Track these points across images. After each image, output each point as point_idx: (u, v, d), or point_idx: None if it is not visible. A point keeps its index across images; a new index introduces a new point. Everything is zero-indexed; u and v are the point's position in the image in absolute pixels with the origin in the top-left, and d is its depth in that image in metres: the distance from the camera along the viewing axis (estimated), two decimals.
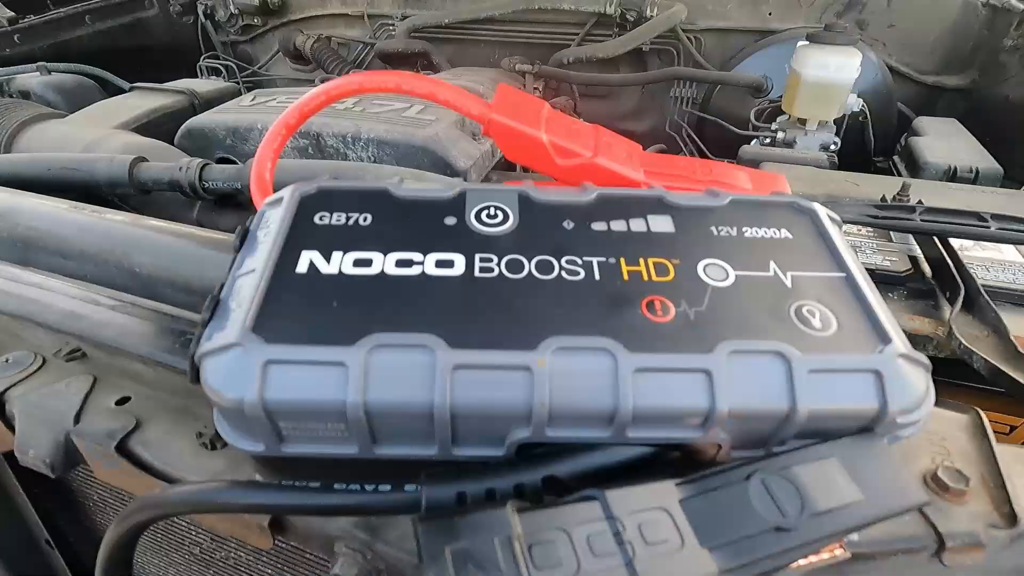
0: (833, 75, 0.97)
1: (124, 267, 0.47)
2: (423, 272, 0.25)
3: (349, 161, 0.83)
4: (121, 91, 1.18)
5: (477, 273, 0.25)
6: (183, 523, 0.48)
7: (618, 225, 0.28)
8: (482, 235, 0.27)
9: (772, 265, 0.26)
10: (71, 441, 0.37)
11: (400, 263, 0.25)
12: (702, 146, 1.36)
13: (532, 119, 0.32)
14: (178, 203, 0.82)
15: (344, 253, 0.25)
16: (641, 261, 0.26)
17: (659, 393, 0.22)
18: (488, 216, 0.28)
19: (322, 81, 1.59)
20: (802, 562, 0.25)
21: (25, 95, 1.13)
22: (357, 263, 0.25)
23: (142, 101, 1.05)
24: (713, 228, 0.28)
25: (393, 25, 1.69)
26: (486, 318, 0.23)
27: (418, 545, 0.17)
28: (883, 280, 0.58)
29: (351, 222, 0.27)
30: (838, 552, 0.26)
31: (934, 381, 0.53)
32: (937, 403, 0.37)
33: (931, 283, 0.57)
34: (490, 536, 0.18)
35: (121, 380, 0.41)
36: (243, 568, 0.48)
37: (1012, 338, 0.46)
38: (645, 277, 0.25)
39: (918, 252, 0.62)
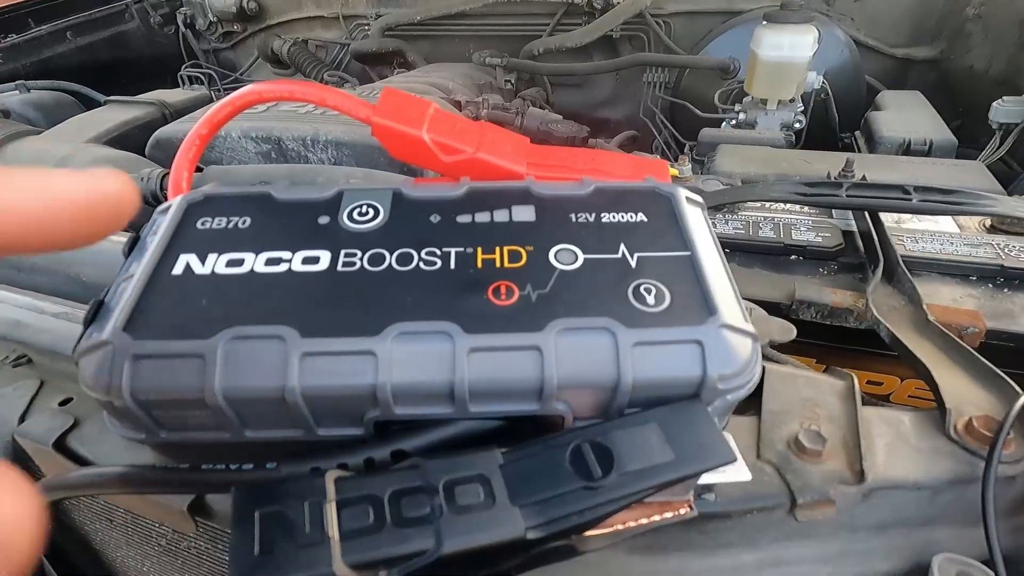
0: (788, 54, 0.97)
1: (71, 276, 0.50)
2: (290, 269, 0.27)
3: (307, 164, 0.85)
4: (99, 105, 1.21)
5: (340, 268, 0.27)
6: (146, 520, 0.51)
7: (482, 216, 0.30)
8: (350, 232, 0.29)
9: (622, 247, 0.28)
10: (16, 441, 0.40)
11: (269, 261, 0.27)
12: (674, 131, 1.37)
13: (415, 120, 0.34)
14: (147, 213, 0.84)
15: (219, 255, 0.27)
16: (497, 249, 0.28)
17: (493, 370, 0.24)
18: (359, 214, 0.30)
19: None
20: (644, 520, 0.27)
21: (5, 114, 1.16)
22: (230, 263, 0.27)
23: (114, 114, 1.08)
24: (572, 215, 0.30)
25: (368, 25, 1.70)
26: (340, 309, 0.25)
27: (232, 509, 0.20)
28: (814, 256, 0.59)
29: (231, 225, 0.29)
30: (683, 511, 0.27)
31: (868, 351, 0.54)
32: (824, 370, 0.39)
33: (863, 257, 0.59)
34: (302, 500, 0.20)
35: (65, 383, 0.43)
36: (204, 556, 0.52)
37: (924, 307, 0.47)
38: (498, 264, 0.27)
39: (856, 228, 0.63)
